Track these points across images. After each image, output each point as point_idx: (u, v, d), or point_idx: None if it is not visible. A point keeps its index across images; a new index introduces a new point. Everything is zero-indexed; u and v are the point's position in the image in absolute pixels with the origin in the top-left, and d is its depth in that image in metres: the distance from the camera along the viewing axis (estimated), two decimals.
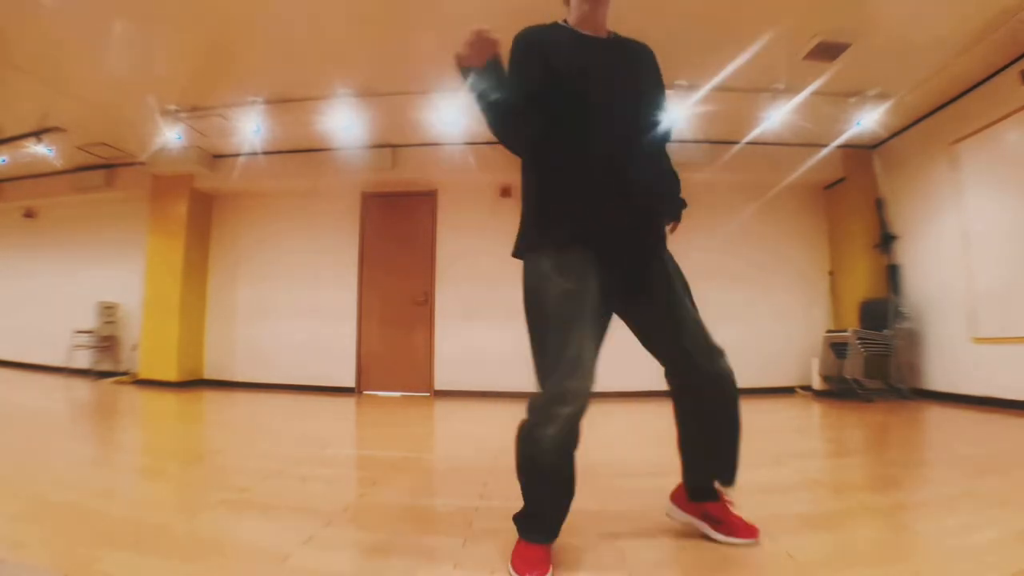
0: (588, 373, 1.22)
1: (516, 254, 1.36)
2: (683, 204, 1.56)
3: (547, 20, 1.48)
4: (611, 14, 1.45)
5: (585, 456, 1.49)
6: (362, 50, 3.72)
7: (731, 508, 1.46)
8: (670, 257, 1.44)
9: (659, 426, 3.54)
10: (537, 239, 1.31)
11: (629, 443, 2.86)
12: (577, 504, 1.74)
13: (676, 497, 1.55)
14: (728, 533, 1.42)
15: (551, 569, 1.24)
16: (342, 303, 5.50)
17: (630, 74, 1.40)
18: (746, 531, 1.42)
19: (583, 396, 1.21)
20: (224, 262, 5.83)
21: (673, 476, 2.13)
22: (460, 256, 5.38)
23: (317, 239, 5.66)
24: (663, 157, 1.52)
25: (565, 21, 1.44)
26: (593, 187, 1.29)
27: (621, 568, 1.26)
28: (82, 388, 5.07)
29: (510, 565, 1.27)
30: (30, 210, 6.60)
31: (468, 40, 1.16)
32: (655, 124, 1.41)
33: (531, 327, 1.29)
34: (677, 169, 1.57)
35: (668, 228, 1.52)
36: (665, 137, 1.49)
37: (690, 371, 1.38)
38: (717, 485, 1.46)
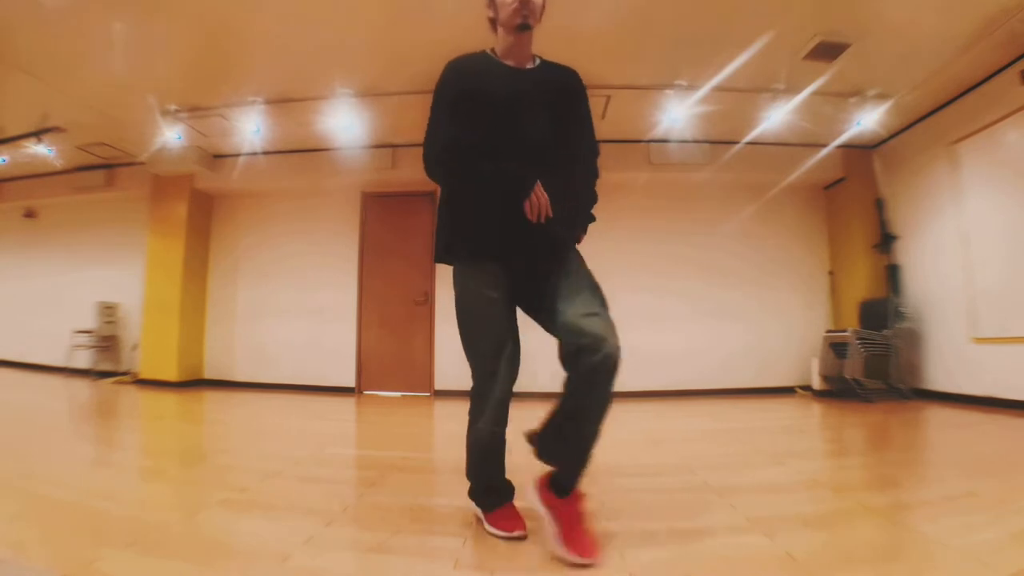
0: (510, 376, 1.48)
1: (437, 260, 1.58)
2: (587, 221, 1.66)
3: (545, 20, 1.55)
4: (536, 41, 1.56)
5: None
6: (362, 50, 3.72)
7: (579, 514, 1.36)
8: (575, 261, 1.53)
9: (656, 426, 3.54)
10: (454, 250, 1.51)
11: (627, 444, 2.86)
12: None
13: (541, 479, 1.47)
14: (560, 540, 1.31)
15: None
16: (342, 303, 5.50)
17: (547, 101, 1.51)
18: (578, 547, 1.27)
19: (505, 393, 1.48)
20: (224, 262, 5.83)
21: (666, 476, 2.14)
22: None
23: (317, 239, 5.66)
24: (580, 175, 1.62)
25: (493, 50, 1.57)
26: (503, 207, 1.42)
27: (621, 568, 1.26)
28: (82, 388, 5.07)
29: (495, 529, 1.47)
30: (30, 210, 6.60)
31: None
32: (571, 145, 1.56)
33: (462, 328, 1.52)
34: (595, 193, 1.69)
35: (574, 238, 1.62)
36: (588, 154, 1.65)
37: (571, 364, 1.34)
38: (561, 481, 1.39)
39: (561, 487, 1.39)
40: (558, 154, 1.51)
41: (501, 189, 1.42)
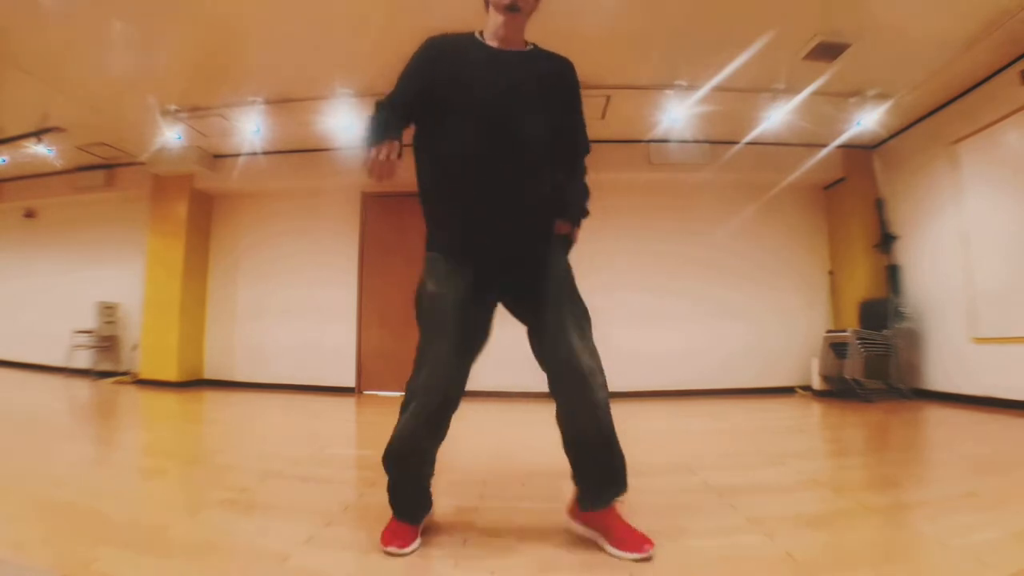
0: (440, 375, 1.36)
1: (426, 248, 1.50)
2: (581, 212, 1.55)
3: (544, 20, 1.51)
4: (530, 28, 1.48)
5: None
6: (362, 50, 3.72)
7: (618, 517, 1.38)
8: (559, 267, 1.45)
9: (656, 426, 3.54)
10: (428, 242, 1.46)
11: (626, 444, 2.85)
12: None
13: (571, 506, 1.48)
14: (616, 545, 1.33)
15: (414, 542, 1.37)
16: (342, 303, 5.50)
17: (529, 88, 1.40)
18: (634, 544, 1.31)
19: (430, 394, 1.35)
20: (224, 262, 5.83)
21: (666, 476, 2.14)
22: None
23: (317, 239, 5.66)
24: (567, 169, 1.53)
25: (481, 33, 1.47)
26: (467, 199, 1.37)
27: (621, 568, 1.26)
28: (82, 388, 5.07)
29: (380, 537, 1.39)
30: (30, 210, 6.60)
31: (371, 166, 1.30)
32: (554, 136, 1.43)
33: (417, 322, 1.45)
34: (586, 186, 1.59)
35: (565, 230, 1.51)
36: (574, 149, 1.54)
37: (552, 380, 1.40)
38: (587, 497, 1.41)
39: (588, 501, 1.42)
40: (535, 141, 1.39)
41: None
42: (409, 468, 1.44)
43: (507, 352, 1.42)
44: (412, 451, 1.42)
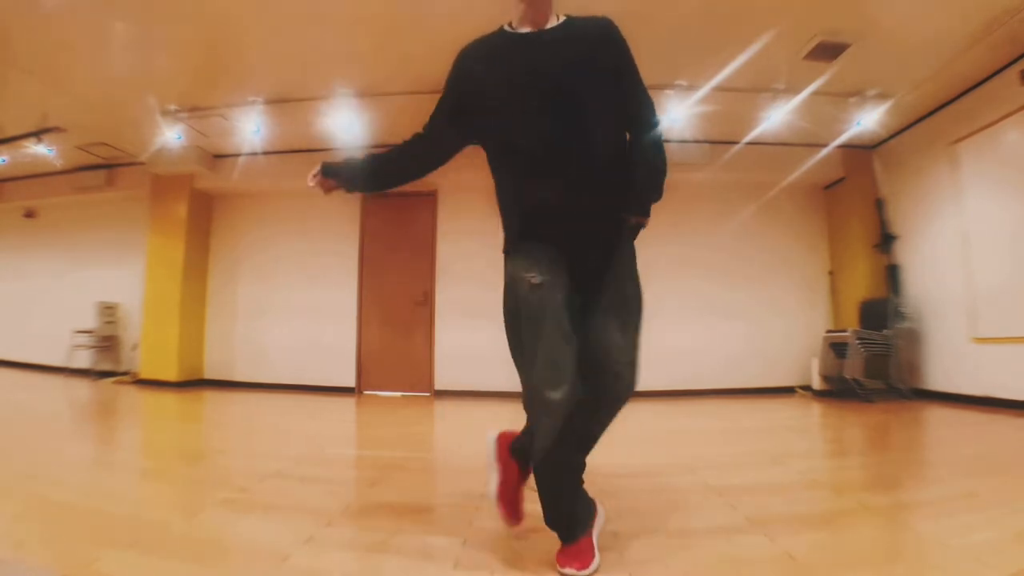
0: (564, 376, 1.20)
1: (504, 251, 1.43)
2: (648, 199, 1.43)
3: None
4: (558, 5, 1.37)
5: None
6: (362, 50, 3.72)
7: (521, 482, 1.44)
8: (626, 259, 1.38)
9: (656, 426, 3.54)
10: (506, 242, 1.39)
11: (627, 443, 2.86)
12: None
13: (506, 436, 1.54)
14: (496, 496, 1.42)
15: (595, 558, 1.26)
16: (342, 303, 5.50)
17: (565, 65, 1.29)
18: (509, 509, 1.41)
19: (562, 403, 1.19)
20: (224, 262, 5.83)
21: (666, 476, 2.13)
22: (460, 256, 5.38)
23: (317, 239, 5.66)
24: (635, 144, 1.40)
25: (511, 24, 1.40)
26: (529, 189, 1.33)
27: (621, 567, 1.26)
28: (82, 388, 5.07)
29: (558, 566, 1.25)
30: (30, 210, 6.60)
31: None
32: (608, 109, 1.33)
33: (506, 324, 1.35)
34: (661, 159, 1.46)
35: (632, 222, 1.41)
36: (638, 122, 1.41)
37: (587, 376, 1.27)
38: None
39: (526, 460, 1.41)
40: (583, 121, 1.28)
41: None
42: (558, 484, 1.35)
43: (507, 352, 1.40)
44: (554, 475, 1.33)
